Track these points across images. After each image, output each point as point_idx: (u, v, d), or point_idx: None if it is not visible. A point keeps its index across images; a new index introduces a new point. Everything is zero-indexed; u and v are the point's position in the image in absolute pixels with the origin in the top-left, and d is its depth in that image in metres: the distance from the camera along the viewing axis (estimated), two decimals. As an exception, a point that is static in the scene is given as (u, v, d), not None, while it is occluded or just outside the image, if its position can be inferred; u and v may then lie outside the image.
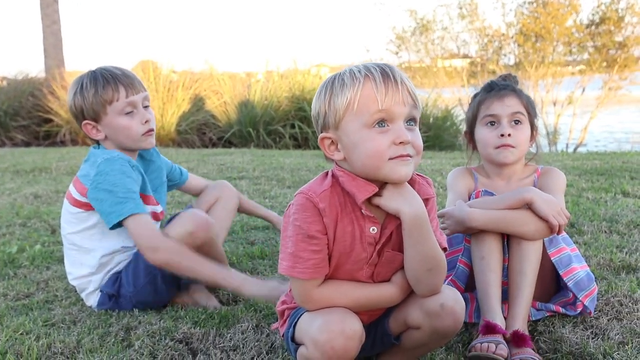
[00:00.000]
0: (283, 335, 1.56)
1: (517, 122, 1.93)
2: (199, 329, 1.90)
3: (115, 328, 1.95)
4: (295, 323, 1.47)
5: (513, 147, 1.92)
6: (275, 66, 10.55)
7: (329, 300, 1.41)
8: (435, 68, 11.10)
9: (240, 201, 2.60)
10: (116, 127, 2.08)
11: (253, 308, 2.07)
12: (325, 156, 1.42)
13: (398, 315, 1.51)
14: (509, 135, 1.91)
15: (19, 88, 10.14)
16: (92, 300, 2.14)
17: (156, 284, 2.07)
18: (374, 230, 1.42)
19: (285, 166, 5.36)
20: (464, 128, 2.13)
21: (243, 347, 1.78)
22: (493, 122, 1.95)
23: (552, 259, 1.88)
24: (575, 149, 9.42)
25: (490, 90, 1.98)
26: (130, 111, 2.09)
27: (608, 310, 1.93)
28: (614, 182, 3.91)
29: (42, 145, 9.34)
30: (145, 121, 2.11)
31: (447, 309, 1.42)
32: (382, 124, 1.33)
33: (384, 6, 22.11)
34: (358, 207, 1.40)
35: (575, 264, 1.90)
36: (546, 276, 1.89)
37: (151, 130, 2.13)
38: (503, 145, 1.92)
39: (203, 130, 9.09)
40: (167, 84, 9.05)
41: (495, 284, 1.81)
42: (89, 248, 2.11)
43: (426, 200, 1.44)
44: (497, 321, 1.72)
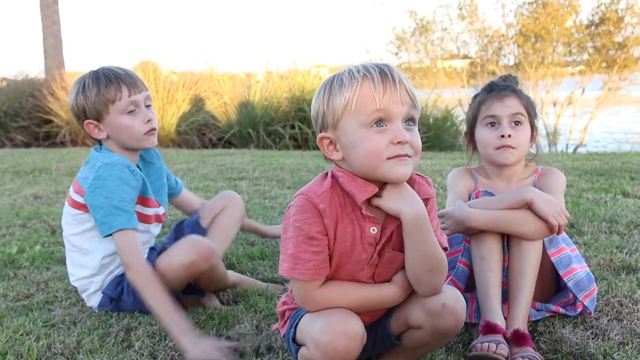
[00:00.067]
0: (284, 336, 1.56)
1: (518, 123, 1.94)
2: (199, 330, 1.90)
3: (115, 329, 1.95)
4: (297, 324, 1.47)
5: (513, 148, 1.92)
6: (275, 67, 10.59)
7: (330, 301, 1.41)
8: (435, 69, 11.11)
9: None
10: (118, 127, 2.08)
11: (253, 309, 2.07)
12: (325, 156, 1.42)
13: (399, 315, 1.51)
14: (509, 136, 1.91)
15: (19, 89, 10.13)
16: (93, 301, 2.14)
17: None
18: (374, 230, 1.42)
19: (285, 167, 5.35)
20: (464, 129, 2.13)
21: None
22: (493, 123, 1.95)
23: (552, 259, 1.88)
24: (575, 150, 9.42)
25: (491, 90, 1.98)
26: (133, 110, 2.08)
27: (608, 310, 1.93)
28: (614, 183, 3.91)
29: (42, 146, 9.33)
30: (147, 120, 2.11)
31: (449, 308, 1.42)
32: (380, 123, 1.33)
33: (384, 7, 22.16)
34: (358, 208, 1.40)
35: (575, 264, 1.90)
36: (546, 276, 1.89)
37: (153, 129, 2.13)
38: (503, 146, 1.92)
39: (203, 131, 9.08)
40: (167, 84, 9.05)
41: (495, 284, 1.81)
42: (89, 249, 2.11)
43: (426, 200, 1.44)
44: (498, 321, 1.72)
